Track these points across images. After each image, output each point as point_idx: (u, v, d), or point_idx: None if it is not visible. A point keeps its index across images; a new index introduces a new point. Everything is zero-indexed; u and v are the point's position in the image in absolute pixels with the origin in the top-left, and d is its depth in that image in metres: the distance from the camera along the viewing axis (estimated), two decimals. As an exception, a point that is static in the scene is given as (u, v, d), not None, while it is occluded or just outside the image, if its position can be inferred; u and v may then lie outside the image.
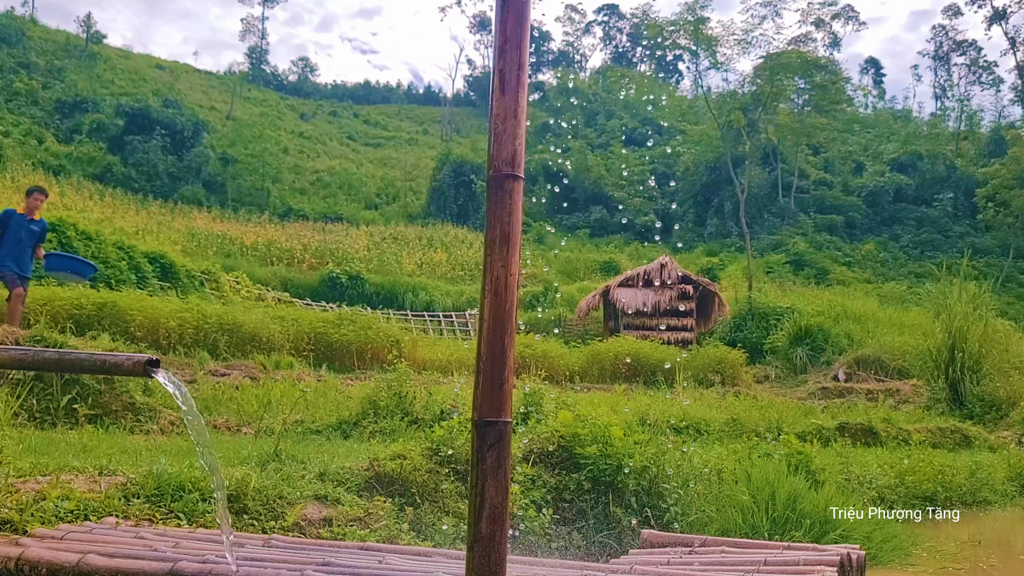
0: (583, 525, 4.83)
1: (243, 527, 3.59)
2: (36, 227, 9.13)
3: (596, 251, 41.14)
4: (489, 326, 1.63)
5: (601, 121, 59.43)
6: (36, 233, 9.11)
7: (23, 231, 8.94)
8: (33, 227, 9.06)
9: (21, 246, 8.92)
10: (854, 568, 2.96)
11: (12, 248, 8.88)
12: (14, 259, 8.87)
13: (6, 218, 8.99)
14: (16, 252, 8.89)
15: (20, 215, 8.97)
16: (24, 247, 8.96)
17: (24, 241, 8.94)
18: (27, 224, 8.96)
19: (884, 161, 50.69)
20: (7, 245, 8.85)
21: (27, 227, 8.96)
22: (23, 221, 8.96)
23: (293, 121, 62.27)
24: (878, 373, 17.58)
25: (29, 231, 8.98)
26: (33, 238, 9.06)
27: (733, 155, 37.85)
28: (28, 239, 8.99)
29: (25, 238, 8.95)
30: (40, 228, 9.20)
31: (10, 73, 47.38)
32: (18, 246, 8.90)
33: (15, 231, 8.90)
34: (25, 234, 8.95)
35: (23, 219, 8.97)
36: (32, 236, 9.03)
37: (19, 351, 1.99)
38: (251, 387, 9.42)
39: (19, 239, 8.90)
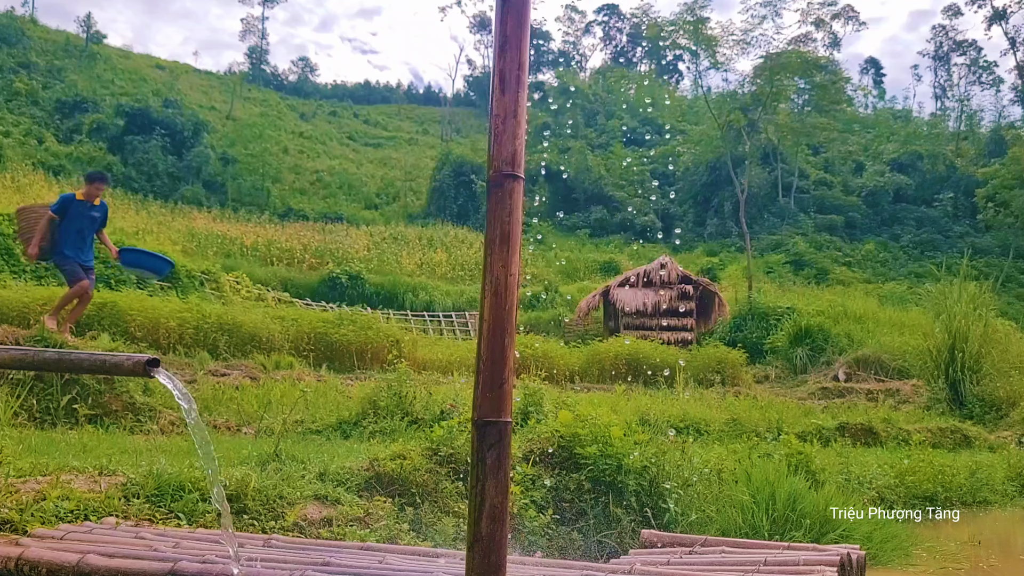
0: (583, 525, 4.83)
1: (243, 527, 3.59)
2: (97, 212, 8.38)
3: (596, 251, 41.14)
4: (489, 326, 1.63)
5: (601, 121, 59.41)
6: (97, 219, 8.41)
7: (84, 218, 8.23)
8: (94, 213, 8.33)
9: (83, 235, 8.25)
10: (854, 568, 2.96)
11: (73, 237, 8.17)
12: (75, 248, 8.18)
13: (65, 204, 8.20)
14: (77, 241, 8.19)
15: (80, 201, 8.25)
16: (86, 235, 8.30)
17: (86, 229, 8.28)
18: (88, 210, 8.24)
19: (884, 161, 50.68)
20: (67, 234, 8.14)
21: (88, 213, 8.24)
22: (83, 207, 8.23)
23: (293, 121, 62.26)
24: (878, 373, 17.58)
25: (90, 218, 8.29)
26: (95, 225, 8.39)
27: (733, 155, 37.84)
28: (90, 226, 8.32)
29: (87, 226, 8.28)
30: (101, 213, 8.45)
31: (10, 73, 47.38)
32: (79, 235, 8.20)
33: (75, 219, 8.17)
34: (87, 221, 8.26)
35: (83, 205, 8.24)
36: (94, 223, 8.36)
37: (19, 351, 1.99)
38: (251, 387, 9.43)
39: (80, 228, 8.21)
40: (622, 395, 11.06)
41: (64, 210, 8.17)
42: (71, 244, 8.16)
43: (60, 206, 8.15)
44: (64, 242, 8.15)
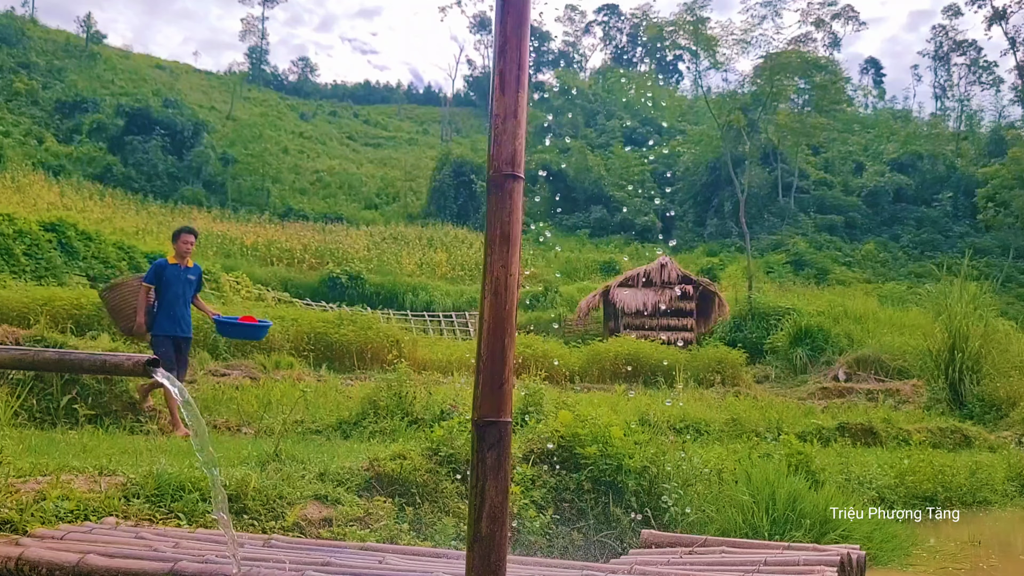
0: (583, 525, 4.83)
1: (243, 527, 3.59)
2: (192, 275, 7.64)
3: (596, 251, 41.14)
4: (489, 326, 1.63)
5: (601, 121, 59.42)
6: (193, 283, 7.64)
7: (179, 284, 7.49)
8: (190, 276, 7.58)
9: (179, 304, 7.47)
10: (854, 568, 2.96)
11: (170, 307, 7.41)
12: (172, 320, 7.39)
13: (158, 272, 7.48)
14: (174, 311, 7.42)
15: (173, 266, 7.52)
16: (183, 303, 7.52)
17: (183, 296, 7.52)
18: (183, 275, 7.52)
19: (884, 161, 50.70)
20: (162, 305, 7.42)
21: (183, 277, 7.51)
22: (177, 272, 7.51)
23: (293, 121, 62.27)
24: (878, 373, 17.58)
25: (186, 282, 7.54)
26: (191, 289, 7.62)
27: (733, 155, 37.84)
28: (187, 292, 7.56)
29: (183, 292, 7.52)
30: (196, 276, 7.71)
31: (10, 73, 47.38)
32: (175, 304, 7.44)
33: (170, 286, 7.45)
34: (182, 287, 7.51)
35: (177, 269, 7.52)
36: (189, 287, 7.59)
37: (19, 351, 1.99)
38: (251, 387, 9.43)
39: (177, 295, 7.46)
40: (622, 395, 11.05)
41: (158, 278, 7.47)
42: (167, 316, 7.40)
43: (154, 274, 7.48)
44: (160, 315, 7.40)
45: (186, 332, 7.54)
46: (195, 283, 7.66)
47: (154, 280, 7.44)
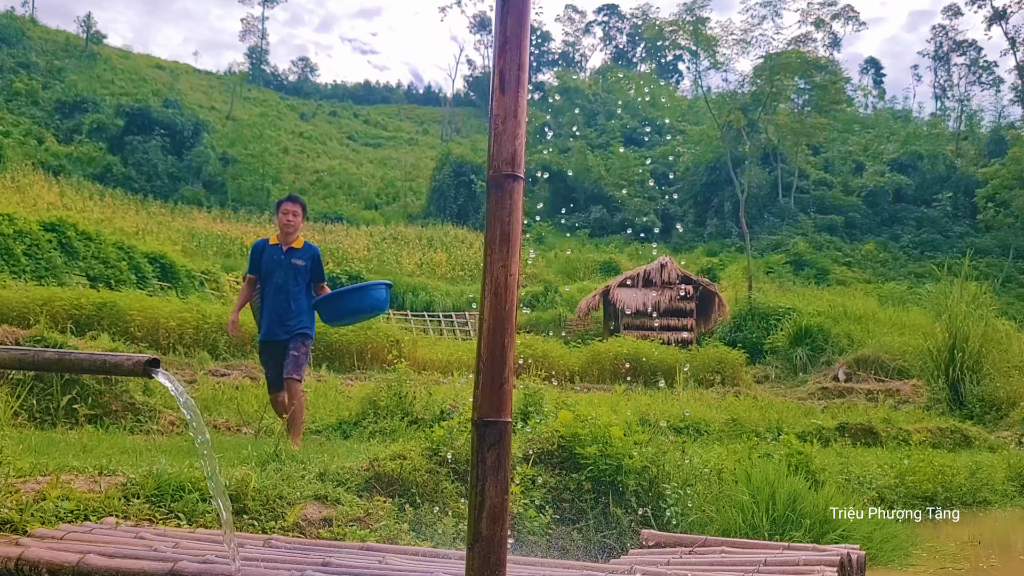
0: (583, 525, 4.83)
1: (243, 527, 3.59)
2: (301, 259, 5.92)
3: (596, 251, 41.15)
4: (489, 326, 1.63)
5: (601, 121, 59.43)
6: (302, 270, 5.91)
7: (279, 271, 5.87)
8: (295, 260, 5.90)
9: (281, 295, 5.85)
10: (854, 568, 2.96)
11: (269, 302, 5.88)
12: (270, 318, 5.86)
13: (255, 256, 6.02)
14: (274, 307, 5.85)
15: (273, 247, 5.96)
16: (288, 296, 5.85)
17: (285, 288, 5.86)
18: (285, 259, 5.89)
19: (884, 161, 50.70)
20: (264, 299, 5.94)
21: (286, 263, 5.89)
22: (278, 255, 5.91)
23: (293, 121, 62.29)
24: (878, 373, 17.59)
25: (290, 268, 5.88)
26: (301, 278, 5.91)
27: (733, 155, 37.86)
28: (292, 282, 5.87)
29: (285, 283, 5.86)
30: (308, 260, 5.95)
31: (10, 73, 47.40)
32: (276, 296, 5.86)
33: (271, 275, 5.88)
34: (284, 275, 5.86)
35: (277, 252, 5.92)
36: (298, 275, 5.89)
37: (19, 351, 1.99)
38: (251, 387, 9.43)
39: (277, 286, 5.85)
40: (622, 395, 11.05)
41: (256, 265, 5.99)
42: (265, 313, 5.92)
43: (251, 259, 6.06)
44: (261, 313, 5.97)
45: (289, 332, 5.83)
46: (305, 270, 5.92)
47: (253, 269, 5.99)
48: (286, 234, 5.97)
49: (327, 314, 5.94)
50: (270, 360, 5.95)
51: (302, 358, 5.90)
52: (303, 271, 5.94)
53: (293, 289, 5.89)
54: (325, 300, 5.91)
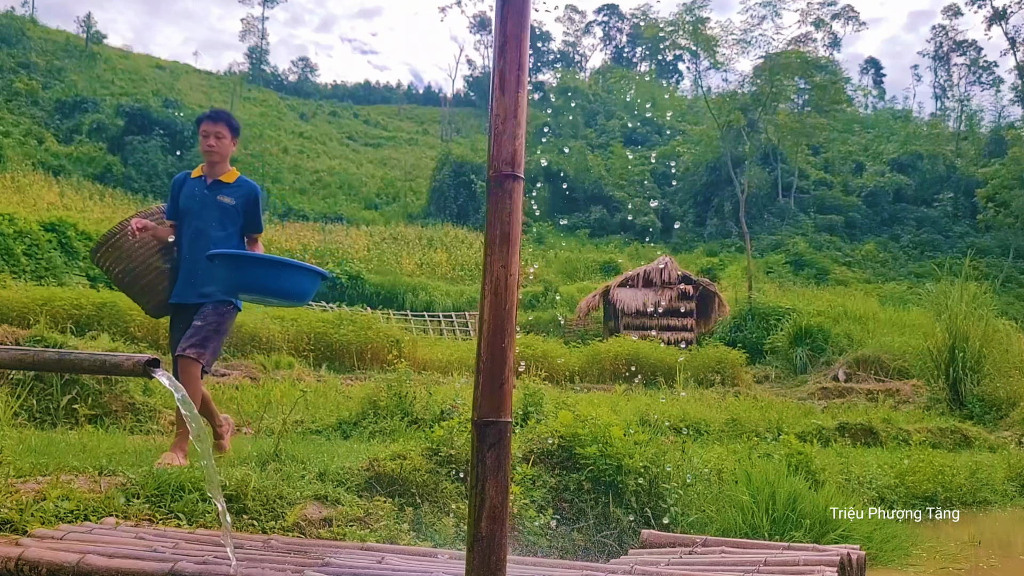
0: (583, 525, 4.83)
1: (243, 527, 3.59)
2: (230, 197, 4.61)
3: (596, 251, 41.14)
4: (489, 326, 1.63)
5: (601, 121, 59.43)
6: (232, 211, 4.60)
7: (202, 211, 4.57)
8: (223, 198, 4.60)
9: (199, 243, 4.52)
10: (854, 568, 2.96)
11: (188, 252, 4.58)
12: (189, 273, 4.58)
13: (173, 192, 4.74)
14: (193, 259, 4.55)
15: (196, 180, 4.68)
16: (207, 244, 4.48)
17: (206, 233, 4.54)
18: (210, 195, 4.60)
19: (884, 161, 50.71)
20: (182, 249, 4.62)
21: (210, 200, 4.59)
22: (200, 191, 4.62)
23: (293, 121, 62.28)
24: (878, 373, 17.58)
25: (216, 208, 4.58)
26: (228, 222, 4.59)
27: (733, 155, 37.87)
28: (217, 225, 4.56)
29: (207, 227, 4.55)
30: (239, 200, 4.62)
31: (10, 73, 47.39)
32: (192, 245, 4.55)
33: (188, 215, 4.60)
34: (206, 218, 4.57)
35: (200, 187, 4.63)
36: (224, 218, 4.58)
37: (19, 351, 1.99)
38: (251, 387, 9.43)
39: (196, 231, 4.56)
40: (622, 395, 11.05)
41: (174, 203, 4.68)
42: (181, 267, 4.63)
43: (170, 197, 4.75)
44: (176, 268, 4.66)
45: (204, 297, 4.47)
46: (236, 212, 4.57)
47: (171, 210, 4.69)
48: (210, 164, 4.60)
49: (226, 277, 4.08)
50: (178, 334, 4.49)
51: (209, 331, 4.37)
52: (233, 214, 4.54)
53: (216, 235, 4.47)
54: (231, 258, 4.11)
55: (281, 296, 4.11)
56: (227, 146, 4.64)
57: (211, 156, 4.62)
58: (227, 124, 4.66)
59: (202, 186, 4.64)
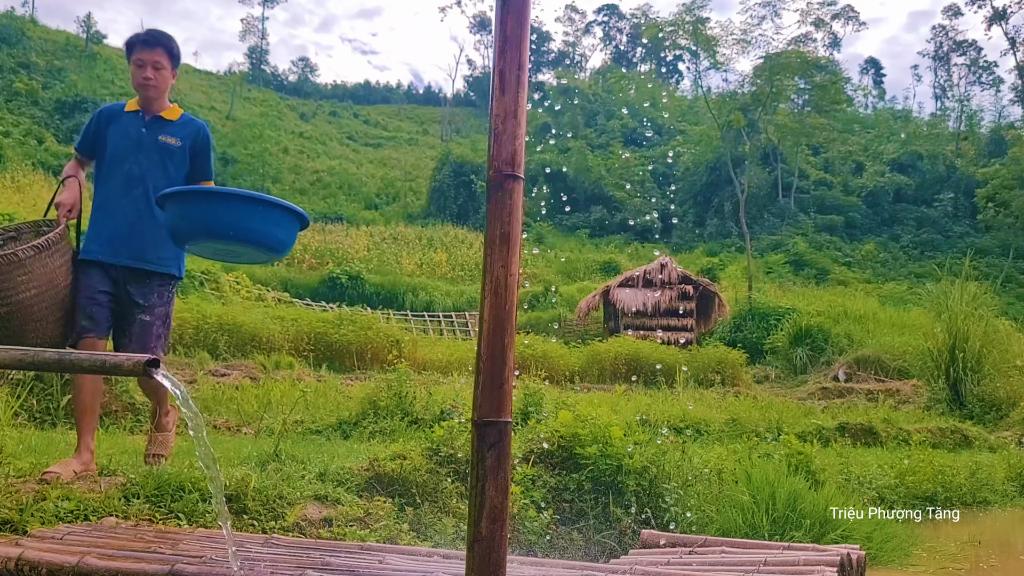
0: (583, 525, 4.83)
1: (243, 527, 3.59)
2: (175, 137, 3.81)
3: (596, 251, 41.14)
4: (489, 326, 1.63)
5: (601, 121, 59.42)
6: (177, 154, 3.81)
7: (136, 154, 3.75)
8: (164, 138, 3.79)
9: (141, 194, 3.71)
10: (854, 568, 2.96)
11: (121, 203, 3.72)
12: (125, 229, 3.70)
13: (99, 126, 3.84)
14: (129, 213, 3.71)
15: (131, 115, 3.83)
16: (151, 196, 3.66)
17: (147, 180, 3.71)
18: (148, 135, 3.79)
19: (884, 161, 50.69)
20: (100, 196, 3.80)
21: (147, 141, 3.77)
22: (136, 127, 3.79)
23: (293, 121, 62.28)
24: (878, 373, 17.58)
25: (156, 149, 3.77)
26: (173, 167, 3.80)
27: (733, 155, 37.86)
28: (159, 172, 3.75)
29: (148, 172, 3.73)
30: (188, 139, 3.84)
31: (10, 73, 47.38)
32: (132, 194, 3.71)
33: (122, 159, 3.74)
34: (144, 162, 3.74)
35: (135, 123, 3.80)
36: (168, 163, 3.78)
37: (19, 351, 1.99)
38: (251, 387, 9.42)
39: (132, 178, 3.71)
40: (622, 395, 11.05)
41: (95, 138, 3.82)
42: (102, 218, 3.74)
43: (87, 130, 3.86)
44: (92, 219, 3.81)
45: (144, 262, 3.67)
46: (182, 156, 3.78)
47: (85, 145, 3.83)
48: (146, 100, 3.75)
49: (181, 222, 3.19)
50: (96, 291, 3.59)
51: (160, 328, 3.72)
52: (178, 157, 3.73)
53: (157, 182, 3.62)
54: (186, 196, 3.26)
55: (252, 243, 3.17)
56: (166, 78, 3.81)
57: (147, 91, 3.75)
58: (166, 51, 3.79)
59: (139, 123, 3.76)
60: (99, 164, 3.86)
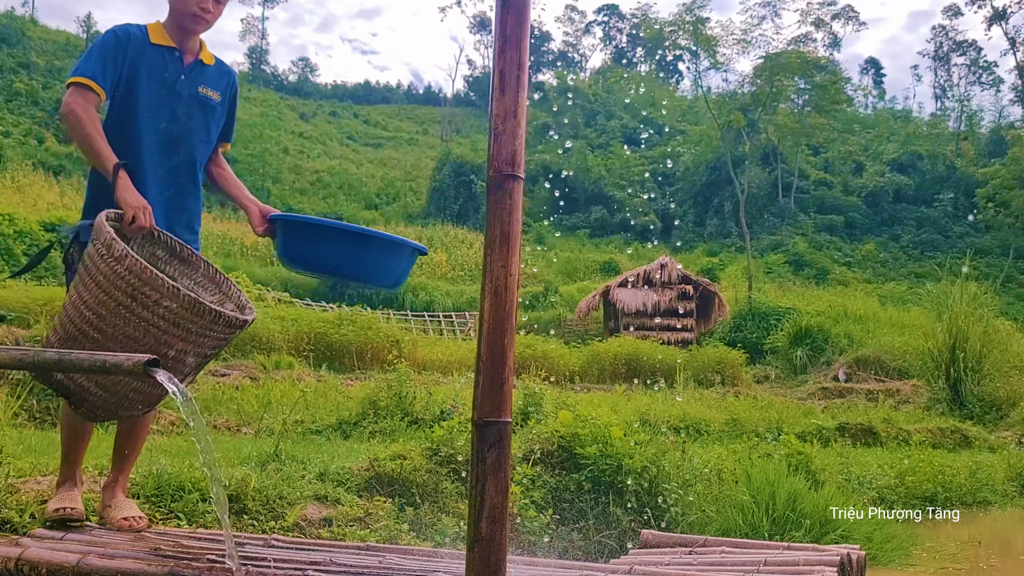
0: (583, 525, 4.83)
1: (243, 527, 3.60)
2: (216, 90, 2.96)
3: (596, 251, 41.13)
4: (489, 326, 1.63)
5: (601, 121, 59.41)
6: (216, 111, 2.99)
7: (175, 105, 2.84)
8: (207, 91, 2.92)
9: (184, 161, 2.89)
10: (854, 568, 2.96)
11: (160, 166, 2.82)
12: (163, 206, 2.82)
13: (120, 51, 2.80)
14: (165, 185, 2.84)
15: (166, 51, 2.85)
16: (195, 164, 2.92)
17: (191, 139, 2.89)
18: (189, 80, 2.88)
19: (884, 161, 50.68)
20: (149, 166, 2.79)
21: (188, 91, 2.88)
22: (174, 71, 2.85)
23: (293, 121, 62.26)
24: (878, 373, 17.58)
25: (198, 105, 2.91)
26: (214, 128, 3.00)
27: (733, 155, 37.85)
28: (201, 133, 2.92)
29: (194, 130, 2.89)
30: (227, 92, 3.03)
31: (10, 73, 47.37)
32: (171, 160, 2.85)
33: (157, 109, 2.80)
34: (184, 118, 2.86)
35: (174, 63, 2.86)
36: (209, 123, 2.96)
37: (19, 351, 1.99)
38: (251, 387, 9.42)
39: (176, 138, 2.85)
40: (622, 395, 11.05)
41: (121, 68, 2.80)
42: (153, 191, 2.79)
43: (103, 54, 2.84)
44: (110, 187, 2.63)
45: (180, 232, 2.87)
46: (220, 114, 3.02)
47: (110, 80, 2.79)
48: (190, 34, 2.90)
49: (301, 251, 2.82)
50: None
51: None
52: (217, 117, 3.00)
53: (201, 148, 2.93)
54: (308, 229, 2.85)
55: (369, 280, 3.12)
56: (220, 12, 2.97)
57: (198, 25, 2.88)
58: None
59: (177, 66, 2.85)
60: (122, 113, 2.80)
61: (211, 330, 2.48)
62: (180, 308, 2.36)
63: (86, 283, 2.41)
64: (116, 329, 2.39)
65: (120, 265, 2.33)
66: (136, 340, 2.40)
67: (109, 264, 2.34)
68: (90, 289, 2.39)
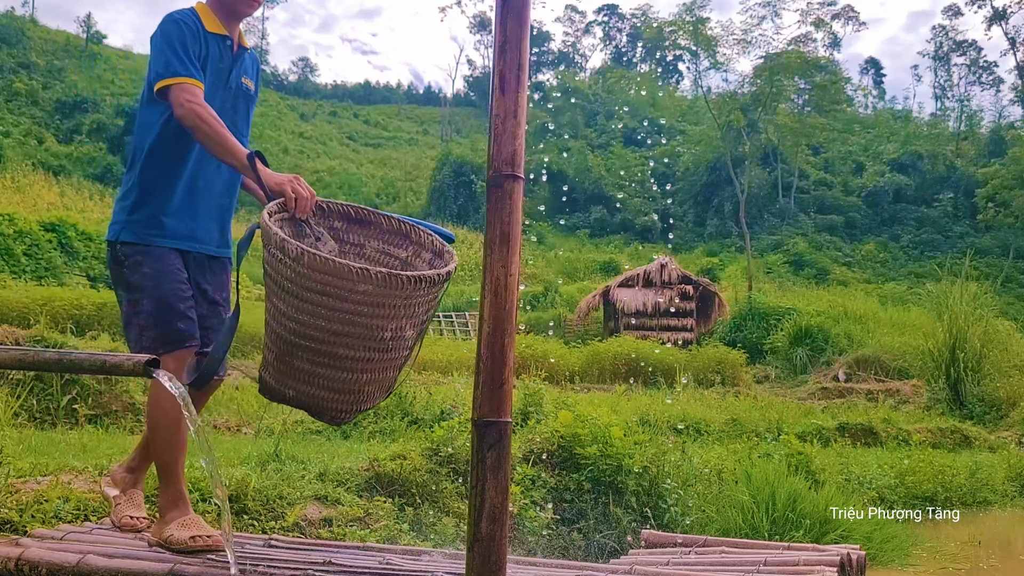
0: (583, 525, 4.83)
1: (243, 527, 3.60)
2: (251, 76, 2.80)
3: (596, 251, 41.13)
4: (489, 326, 1.63)
5: (601, 121, 59.42)
6: (253, 97, 2.83)
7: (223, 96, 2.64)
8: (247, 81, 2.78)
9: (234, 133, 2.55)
10: (854, 568, 2.96)
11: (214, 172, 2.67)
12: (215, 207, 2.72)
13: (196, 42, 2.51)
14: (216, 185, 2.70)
15: (218, 39, 2.60)
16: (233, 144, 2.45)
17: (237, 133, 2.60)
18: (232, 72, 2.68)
19: (884, 161, 50.68)
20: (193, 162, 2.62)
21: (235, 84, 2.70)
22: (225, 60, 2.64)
23: (293, 121, 62.25)
24: (878, 373, 17.58)
25: (241, 97, 2.75)
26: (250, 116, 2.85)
27: (733, 155, 37.85)
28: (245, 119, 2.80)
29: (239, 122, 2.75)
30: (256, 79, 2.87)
31: (10, 73, 47.38)
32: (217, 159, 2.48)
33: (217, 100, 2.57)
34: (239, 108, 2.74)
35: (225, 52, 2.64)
36: (250, 111, 2.84)
37: (19, 351, 1.99)
38: (251, 387, 9.42)
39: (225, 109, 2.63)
40: (622, 395, 11.05)
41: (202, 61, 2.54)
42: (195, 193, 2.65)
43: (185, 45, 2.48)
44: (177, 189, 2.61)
45: (226, 245, 2.82)
46: (253, 104, 2.86)
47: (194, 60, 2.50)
48: (240, 18, 2.72)
49: None
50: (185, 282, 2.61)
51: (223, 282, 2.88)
52: (252, 107, 2.87)
53: (243, 142, 2.72)
54: None
55: None
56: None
57: (252, 8, 2.69)
58: None
59: (228, 55, 2.68)
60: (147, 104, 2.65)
61: (415, 297, 2.25)
62: (376, 287, 2.14)
63: (276, 292, 2.24)
64: (321, 331, 2.21)
65: (300, 265, 2.13)
66: (346, 335, 2.22)
67: (289, 267, 2.15)
68: (282, 298, 2.22)
